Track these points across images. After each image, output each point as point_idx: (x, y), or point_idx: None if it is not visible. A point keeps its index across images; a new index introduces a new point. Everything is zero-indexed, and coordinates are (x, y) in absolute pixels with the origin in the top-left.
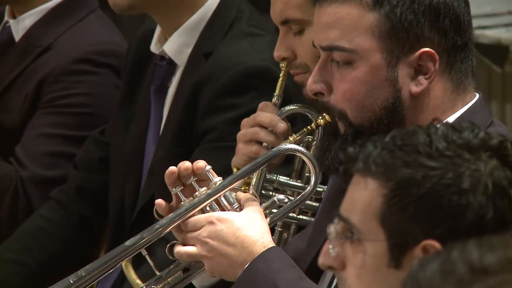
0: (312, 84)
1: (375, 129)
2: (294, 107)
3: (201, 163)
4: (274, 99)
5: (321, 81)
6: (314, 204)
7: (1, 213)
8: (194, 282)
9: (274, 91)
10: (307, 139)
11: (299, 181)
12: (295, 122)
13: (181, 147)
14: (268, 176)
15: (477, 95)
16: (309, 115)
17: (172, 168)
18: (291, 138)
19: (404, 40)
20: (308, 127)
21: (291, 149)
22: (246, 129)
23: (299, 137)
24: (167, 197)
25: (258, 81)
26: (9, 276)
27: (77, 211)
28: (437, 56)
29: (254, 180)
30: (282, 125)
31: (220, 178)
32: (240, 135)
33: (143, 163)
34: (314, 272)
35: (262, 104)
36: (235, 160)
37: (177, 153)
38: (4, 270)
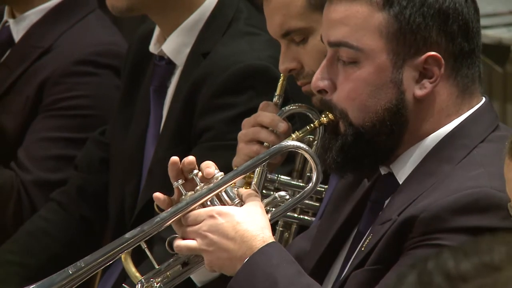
0: (316, 81)
1: (377, 130)
2: (295, 107)
3: (211, 170)
4: (275, 99)
5: (326, 78)
6: (315, 203)
7: (5, 220)
8: (193, 277)
9: (272, 90)
10: (307, 138)
11: (300, 180)
12: (294, 122)
13: (179, 147)
14: (269, 176)
15: (484, 99)
16: (310, 115)
17: (175, 157)
18: (293, 136)
19: (411, 42)
20: (311, 125)
21: (293, 146)
22: (247, 129)
23: (301, 135)
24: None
25: (256, 80)
26: (10, 277)
27: (77, 212)
28: (443, 61)
29: (255, 179)
30: (283, 125)
31: (222, 173)
32: (241, 134)
33: (143, 163)
34: (320, 273)
35: (263, 104)
36: (236, 160)
37: (175, 153)
38: (5, 271)
